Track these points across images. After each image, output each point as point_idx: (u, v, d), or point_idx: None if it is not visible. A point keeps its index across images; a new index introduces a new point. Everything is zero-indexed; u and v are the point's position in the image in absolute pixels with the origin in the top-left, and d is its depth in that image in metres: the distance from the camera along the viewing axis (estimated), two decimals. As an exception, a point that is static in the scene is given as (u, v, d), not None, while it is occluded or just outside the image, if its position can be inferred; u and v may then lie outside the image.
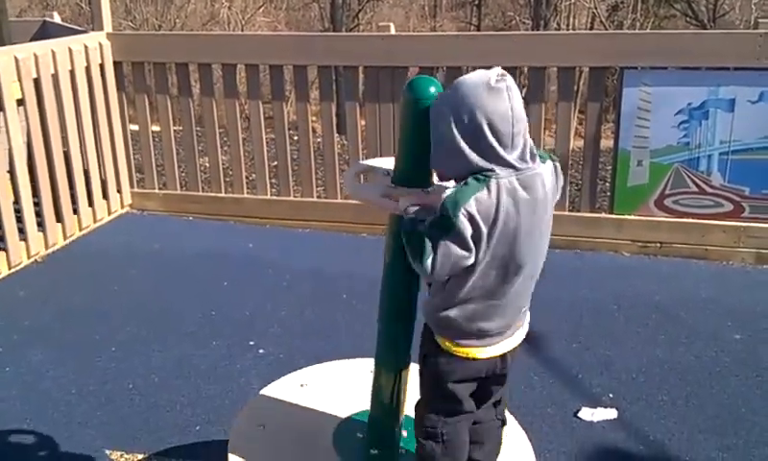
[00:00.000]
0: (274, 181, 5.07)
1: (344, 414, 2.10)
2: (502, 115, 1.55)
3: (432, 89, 1.67)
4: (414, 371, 1.92)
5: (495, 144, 1.55)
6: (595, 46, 4.38)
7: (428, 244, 1.57)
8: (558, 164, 1.70)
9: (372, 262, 2.00)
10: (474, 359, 1.72)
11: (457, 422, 1.79)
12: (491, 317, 1.69)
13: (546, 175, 1.64)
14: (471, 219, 1.55)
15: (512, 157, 1.57)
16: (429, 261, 1.57)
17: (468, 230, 1.55)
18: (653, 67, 4.21)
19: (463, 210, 1.54)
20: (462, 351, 1.71)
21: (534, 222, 1.62)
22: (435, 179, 1.77)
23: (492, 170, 1.56)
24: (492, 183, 1.56)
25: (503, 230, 1.58)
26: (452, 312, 1.68)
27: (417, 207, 1.65)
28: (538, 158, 1.63)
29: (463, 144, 1.56)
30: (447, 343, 1.72)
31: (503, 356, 1.77)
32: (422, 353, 1.80)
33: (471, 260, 1.59)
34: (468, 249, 1.57)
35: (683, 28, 16.33)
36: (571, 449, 2.67)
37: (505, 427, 1.95)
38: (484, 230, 1.56)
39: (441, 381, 1.75)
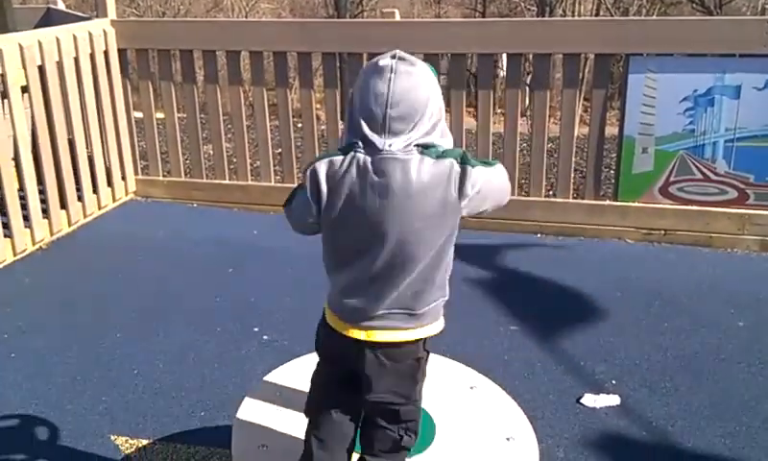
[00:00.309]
0: (278, 168, 5.07)
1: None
2: (376, 96, 1.57)
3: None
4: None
5: (362, 122, 1.58)
6: (601, 33, 4.36)
7: (292, 193, 1.71)
8: (469, 168, 1.58)
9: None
10: (331, 329, 1.76)
11: (321, 387, 1.85)
12: (344, 293, 1.69)
13: (421, 167, 1.56)
14: (314, 175, 1.61)
15: (378, 138, 1.57)
16: (286, 206, 1.72)
17: (309, 184, 1.62)
18: (658, 54, 4.19)
19: (312, 167, 1.62)
20: (324, 311, 1.80)
21: (384, 208, 1.57)
22: None
23: (356, 143, 1.59)
24: (349, 155, 1.59)
25: (346, 202, 1.60)
26: (327, 270, 1.74)
27: None
28: (419, 149, 1.57)
29: (346, 115, 1.65)
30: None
31: (359, 346, 1.69)
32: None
33: (312, 218, 1.65)
34: (307, 203, 1.63)
35: (689, 14, 16.22)
36: (574, 436, 2.67)
37: None
38: (324, 190, 1.60)
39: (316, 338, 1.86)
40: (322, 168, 1.60)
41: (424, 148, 1.58)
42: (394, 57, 1.61)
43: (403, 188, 1.56)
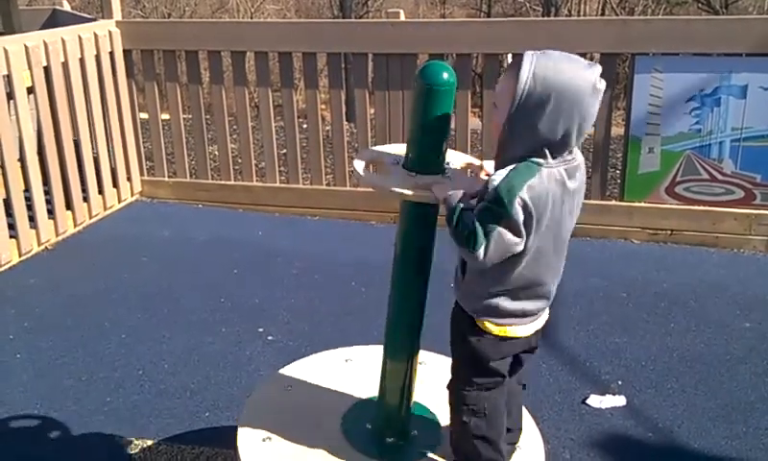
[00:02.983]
0: (283, 168, 5.07)
1: (353, 399, 2.11)
2: (593, 116, 1.61)
3: (445, 75, 1.66)
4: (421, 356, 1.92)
5: (573, 140, 1.60)
6: (606, 32, 4.34)
7: (479, 231, 1.58)
8: None
9: (382, 250, 2.00)
10: (516, 338, 1.76)
11: (496, 394, 1.82)
12: (534, 299, 1.74)
13: (582, 164, 1.69)
14: (525, 206, 1.57)
15: (577, 150, 1.66)
16: (482, 249, 1.58)
17: (521, 217, 1.57)
18: (664, 53, 4.17)
19: (518, 198, 1.55)
20: (504, 332, 1.74)
21: (572, 208, 1.69)
22: (449, 163, 1.78)
23: (544, 157, 1.59)
24: (544, 171, 1.58)
25: (551, 217, 1.62)
26: (498, 297, 1.71)
27: (458, 194, 1.66)
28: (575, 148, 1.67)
29: (543, 127, 1.57)
30: (489, 325, 1.74)
31: (537, 331, 1.81)
32: (459, 335, 1.79)
33: (521, 247, 1.61)
34: (520, 235, 1.59)
35: (695, 14, 16.17)
36: (579, 437, 2.66)
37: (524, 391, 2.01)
38: (535, 216, 1.58)
39: (482, 361, 1.77)
40: (526, 196, 1.57)
41: None
42: (601, 75, 1.62)
43: (581, 187, 1.69)
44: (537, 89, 1.55)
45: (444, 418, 2.00)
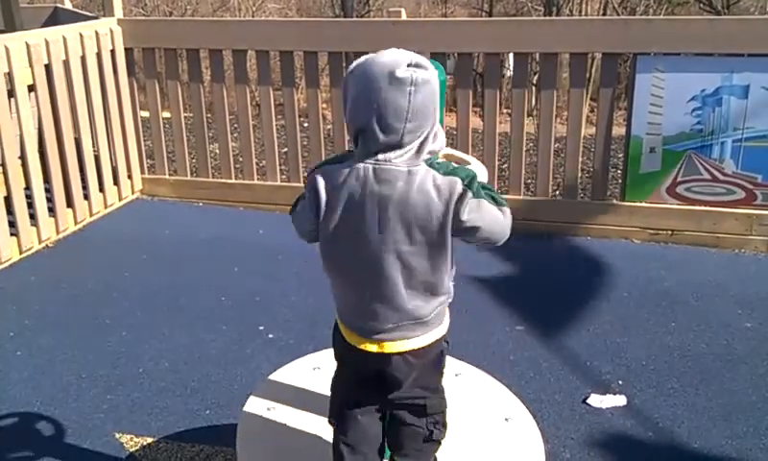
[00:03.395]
0: (284, 167, 5.07)
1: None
2: (396, 108, 1.50)
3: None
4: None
5: (377, 131, 1.52)
6: (608, 32, 4.34)
7: (297, 199, 1.73)
8: (470, 195, 1.53)
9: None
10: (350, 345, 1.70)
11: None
12: (353, 311, 1.68)
13: (426, 180, 1.53)
14: (313, 185, 1.59)
15: (392, 151, 1.53)
16: (292, 212, 1.74)
17: (308, 193, 1.62)
18: (666, 53, 4.17)
19: (312, 175, 1.62)
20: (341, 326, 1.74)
21: (385, 221, 1.55)
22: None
23: (355, 148, 1.57)
24: (351, 163, 1.56)
25: (348, 215, 1.57)
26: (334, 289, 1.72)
27: None
28: (428, 162, 1.55)
29: (347, 117, 1.60)
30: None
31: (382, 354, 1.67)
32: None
33: (311, 226, 1.64)
34: (311, 211, 1.62)
35: (696, 14, 16.16)
36: (580, 436, 2.66)
37: None
38: (323, 199, 1.58)
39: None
40: (320, 176, 1.59)
41: (431, 160, 1.56)
42: (410, 64, 1.53)
43: (403, 200, 1.53)
44: (347, 77, 1.60)
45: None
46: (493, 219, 1.59)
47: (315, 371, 2.22)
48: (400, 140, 1.52)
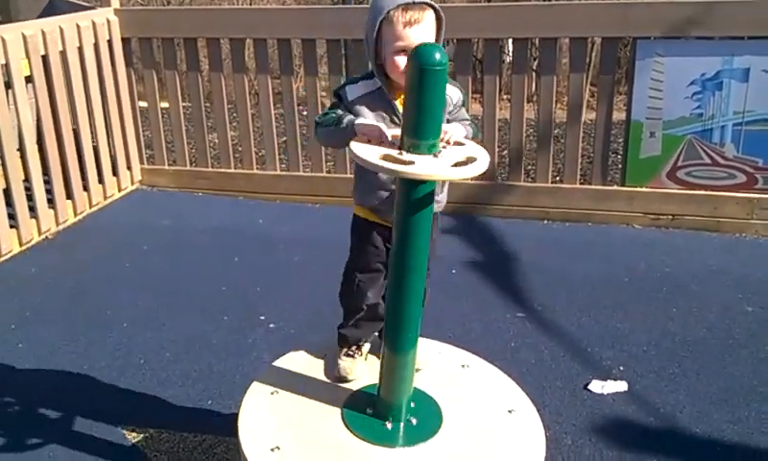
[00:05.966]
0: (283, 156, 5.06)
1: (353, 387, 2.11)
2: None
3: (437, 56, 1.64)
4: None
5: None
6: (608, 16, 4.31)
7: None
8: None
9: (381, 236, 1.99)
10: None
11: None
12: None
13: None
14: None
15: None
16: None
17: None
18: (666, 37, 4.15)
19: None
20: None
21: None
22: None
23: None
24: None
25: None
26: None
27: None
28: None
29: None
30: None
31: None
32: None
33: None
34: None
35: (696, -3, 16.09)
36: (581, 422, 2.66)
37: None
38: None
39: None
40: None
41: None
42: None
43: None
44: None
45: (444, 404, 2.00)
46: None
47: (316, 359, 2.22)
48: None
